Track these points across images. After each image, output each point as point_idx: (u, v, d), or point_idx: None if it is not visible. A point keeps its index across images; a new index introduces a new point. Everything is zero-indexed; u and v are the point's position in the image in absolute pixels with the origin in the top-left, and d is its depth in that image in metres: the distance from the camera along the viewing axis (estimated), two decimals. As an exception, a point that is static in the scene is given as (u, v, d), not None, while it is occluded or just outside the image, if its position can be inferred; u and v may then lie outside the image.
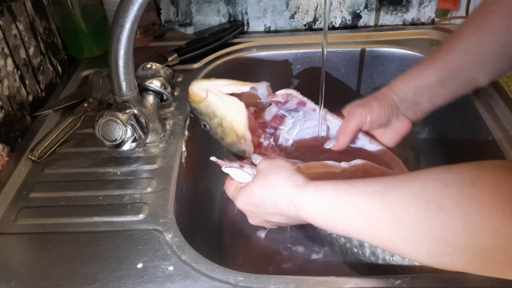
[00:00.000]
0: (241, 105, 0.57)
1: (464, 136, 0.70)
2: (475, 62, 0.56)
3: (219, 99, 0.57)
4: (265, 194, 0.48)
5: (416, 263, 0.49)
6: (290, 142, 0.65)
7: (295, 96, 0.60)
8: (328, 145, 0.60)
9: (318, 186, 0.44)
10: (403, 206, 0.36)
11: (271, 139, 0.63)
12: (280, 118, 0.64)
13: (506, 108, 0.64)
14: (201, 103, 0.58)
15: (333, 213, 0.42)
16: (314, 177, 0.48)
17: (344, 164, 0.54)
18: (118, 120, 0.55)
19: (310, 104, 0.61)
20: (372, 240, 0.40)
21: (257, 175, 0.50)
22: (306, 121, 0.64)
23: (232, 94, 0.58)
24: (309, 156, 0.65)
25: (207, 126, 0.60)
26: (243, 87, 0.58)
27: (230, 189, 0.54)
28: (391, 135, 0.62)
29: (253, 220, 0.53)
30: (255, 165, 0.53)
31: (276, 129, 0.64)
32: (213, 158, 0.55)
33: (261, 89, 0.60)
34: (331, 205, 0.42)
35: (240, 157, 0.61)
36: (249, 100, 0.59)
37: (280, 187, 0.46)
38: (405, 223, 0.36)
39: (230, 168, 0.54)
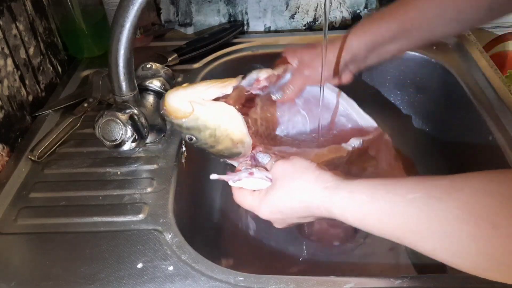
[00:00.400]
0: (232, 110, 0.52)
1: (464, 136, 0.70)
2: (429, 24, 0.57)
3: (207, 109, 0.51)
4: (294, 201, 0.46)
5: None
6: (259, 121, 0.63)
7: (273, 74, 0.59)
8: (276, 96, 0.61)
9: (351, 189, 0.42)
10: (449, 220, 0.35)
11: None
12: (251, 101, 0.62)
13: (506, 108, 0.64)
14: (186, 118, 0.51)
15: (370, 220, 0.41)
16: (326, 164, 0.47)
17: (348, 147, 0.54)
18: (118, 120, 0.55)
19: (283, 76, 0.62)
20: (415, 248, 0.38)
21: (277, 181, 0.47)
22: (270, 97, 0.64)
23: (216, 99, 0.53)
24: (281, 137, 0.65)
25: (194, 139, 0.54)
26: (225, 89, 0.53)
27: (245, 201, 0.50)
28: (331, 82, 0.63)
29: (280, 225, 0.50)
30: (262, 166, 0.51)
31: (247, 114, 0.62)
32: (213, 176, 0.51)
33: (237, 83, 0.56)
34: (368, 212, 0.40)
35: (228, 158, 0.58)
36: (234, 97, 0.57)
37: (309, 191, 0.44)
38: (452, 238, 0.34)
39: (240, 181, 0.49)
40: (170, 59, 0.77)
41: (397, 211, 0.38)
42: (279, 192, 0.47)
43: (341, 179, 0.44)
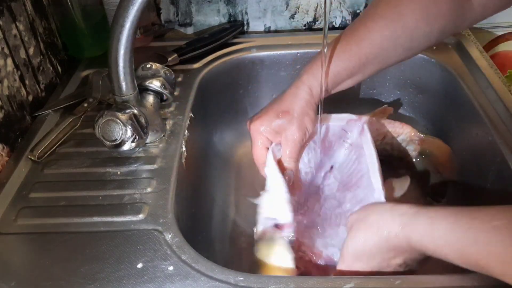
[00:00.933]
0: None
1: (464, 136, 0.70)
2: (384, 55, 0.57)
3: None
4: (373, 236, 0.44)
5: None
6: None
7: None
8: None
9: (431, 215, 0.41)
10: None
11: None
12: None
13: (506, 108, 0.64)
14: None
15: (452, 248, 0.39)
16: None
17: None
18: (118, 120, 0.55)
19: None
20: (502, 278, 0.37)
21: (352, 227, 0.47)
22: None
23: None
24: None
25: None
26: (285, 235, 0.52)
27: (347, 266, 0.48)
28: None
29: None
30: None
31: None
32: None
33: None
34: (449, 239, 0.39)
35: None
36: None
37: (387, 219, 0.43)
38: None
39: None
40: (170, 59, 0.77)
41: (482, 239, 0.37)
42: (356, 235, 0.45)
43: (419, 206, 0.43)
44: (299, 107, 0.57)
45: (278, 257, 0.51)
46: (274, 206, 0.55)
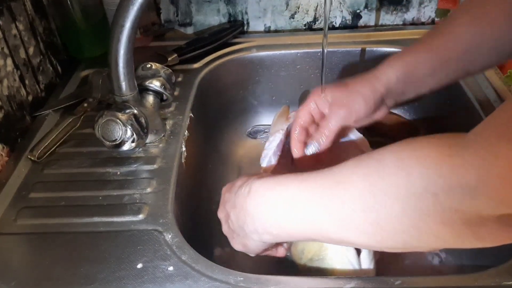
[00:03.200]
0: None
1: (464, 136, 0.70)
2: (468, 53, 0.53)
3: None
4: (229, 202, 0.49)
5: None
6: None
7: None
8: (311, 150, 0.56)
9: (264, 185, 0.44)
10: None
11: None
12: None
13: (506, 108, 0.64)
14: None
15: (289, 213, 0.41)
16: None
17: None
18: (118, 120, 0.55)
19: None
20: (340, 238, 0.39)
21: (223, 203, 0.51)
22: None
23: None
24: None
25: None
26: None
27: None
28: (365, 121, 0.58)
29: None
30: None
31: None
32: None
33: None
34: (284, 202, 0.42)
35: None
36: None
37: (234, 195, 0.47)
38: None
39: None
40: (170, 59, 0.77)
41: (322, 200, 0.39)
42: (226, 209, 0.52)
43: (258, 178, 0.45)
44: (364, 87, 0.55)
45: (337, 253, 0.48)
46: None
